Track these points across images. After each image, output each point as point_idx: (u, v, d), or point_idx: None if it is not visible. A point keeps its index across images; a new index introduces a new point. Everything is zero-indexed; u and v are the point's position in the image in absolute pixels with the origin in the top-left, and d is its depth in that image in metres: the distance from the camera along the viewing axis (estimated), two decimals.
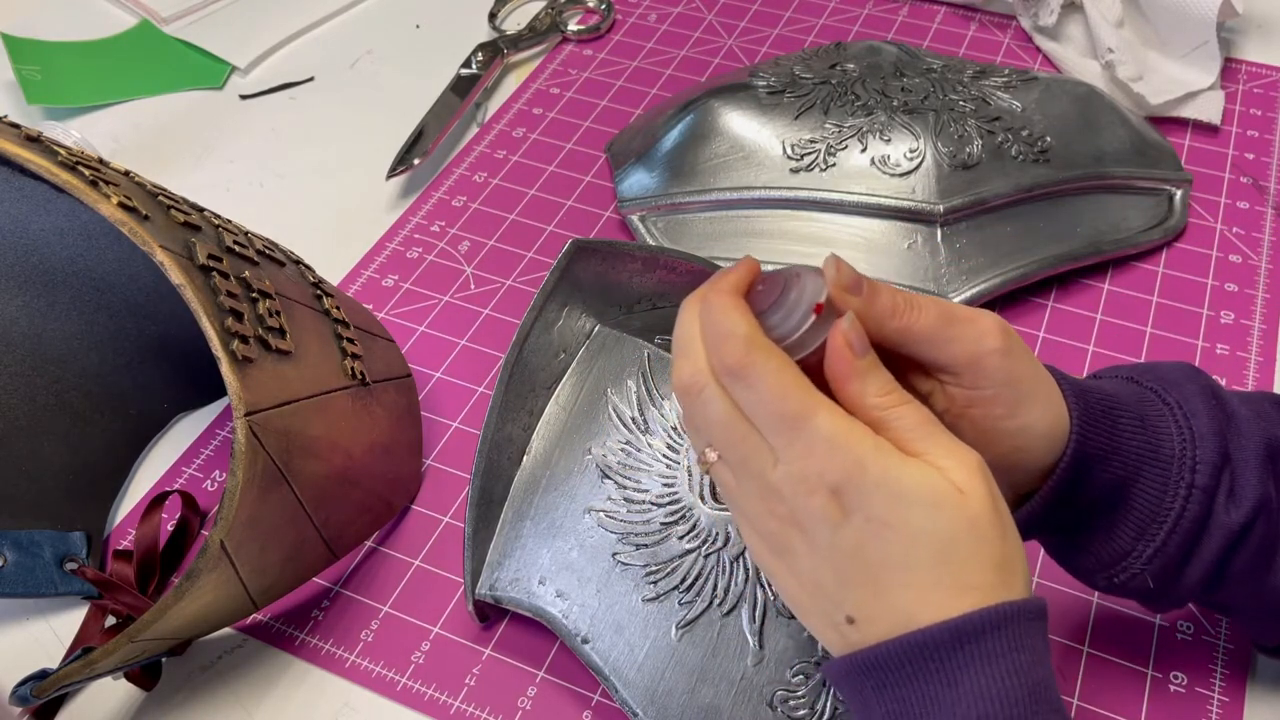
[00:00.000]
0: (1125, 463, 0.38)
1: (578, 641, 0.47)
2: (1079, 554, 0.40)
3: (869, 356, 0.33)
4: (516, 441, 0.51)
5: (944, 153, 0.64)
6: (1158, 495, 0.37)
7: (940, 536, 0.32)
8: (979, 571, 0.32)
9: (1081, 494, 0.38)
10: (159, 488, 0.58)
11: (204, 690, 0.50)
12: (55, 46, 0.86)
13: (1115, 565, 0.39)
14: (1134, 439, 0.38)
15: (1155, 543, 0.38)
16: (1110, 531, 0.39)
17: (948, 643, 0.31)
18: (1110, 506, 0.38)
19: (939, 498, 0.32)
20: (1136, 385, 0.40)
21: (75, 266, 0.56)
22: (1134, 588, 0.39)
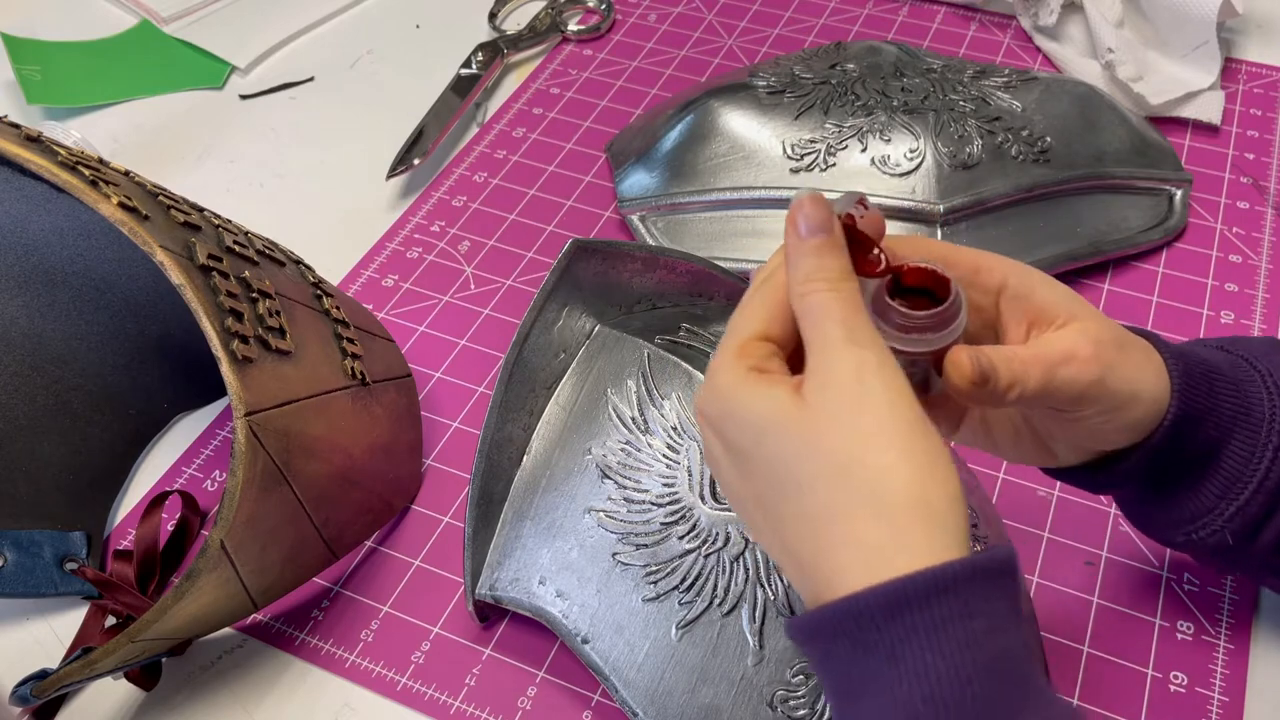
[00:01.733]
0: (1219, 424, 0.39)
1: (578, 641, 0.47)
2: (1160, 510, 0.41)
3: (817, 239, 0.33)
4: (516, 441, 0.51)
5: (944, 153, 0.64)
6: (1246, 455, 0.39)
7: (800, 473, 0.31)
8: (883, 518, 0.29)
9: (1175, 453, 0.39)
10: (159, 488, 0.58)
11: (204, 690, 0.50)
12: (55, 46, 0.86)
13: (1196, 521, 0.40)
14: (1228, 402, 0.39)
15: (1239, 501, 0.39)
16: (1196, 489, 0.40)
17: (882, 612, 0.28)
18: (1200, 465, 0.39)
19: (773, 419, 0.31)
20: (1226, 353, 0.41)
21: (75, 266, 0.56)
22: (1211, 544, 0.40)
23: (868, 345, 0.31)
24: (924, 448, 0.30)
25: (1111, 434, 0.38)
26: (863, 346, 0.31)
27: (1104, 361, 0.35)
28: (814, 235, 0.33)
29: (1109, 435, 0.38)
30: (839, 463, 0.30)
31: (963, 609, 0.28)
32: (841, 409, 0.30)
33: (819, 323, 0.32)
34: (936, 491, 0.29)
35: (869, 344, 0.31)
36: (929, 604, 0.28)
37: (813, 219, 0.33)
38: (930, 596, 0.28)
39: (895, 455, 0.30)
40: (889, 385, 0.31)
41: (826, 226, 0.33)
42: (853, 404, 0.30)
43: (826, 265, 0.33)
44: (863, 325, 0.32)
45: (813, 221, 0.33)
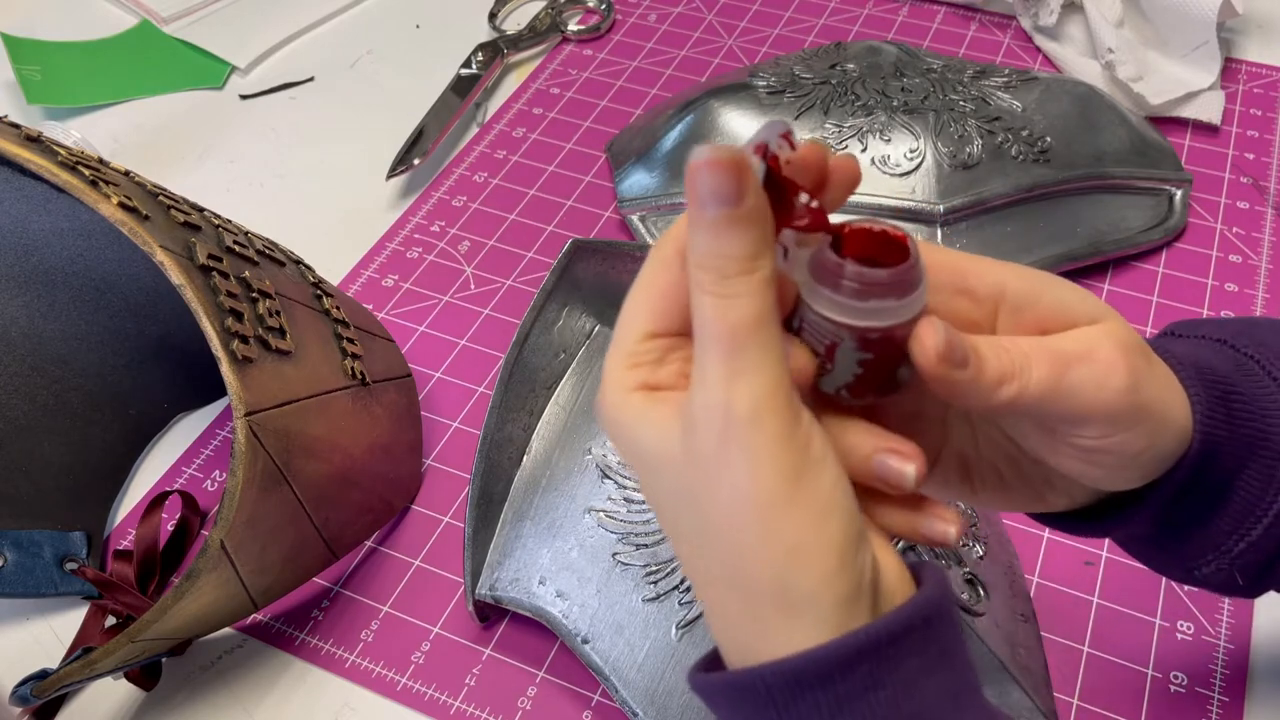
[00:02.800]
0: (1235, 452, 0.32)
1: (578, 641, 0.47)
2: (1159, 547, 0.35)
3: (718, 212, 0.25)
4: (516, 441, 0.51)
5: (944, 153, 0.64)
6: (1260, 488, 0.32)
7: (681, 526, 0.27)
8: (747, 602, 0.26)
9: (1191, 490, 0.32)
10: (159, 488, 0.58)
11: (204, 690, 0.50)
12: (55, 46, 0.86)
13: (1200, 558, 0.34)
14: (1246, 427, 0.32)
15: (1250, 537, 0.33)
16: (1204, 525, 0.33)
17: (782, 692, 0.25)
18: (1208, 499, 0.33)
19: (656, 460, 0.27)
20: (1235, 352, 0.34)
21: (75, 266, 0.56)
22: (1217, 581, 0.35)
23: (744, 383, 0.25)
24: (790, 522, 0.25)
25: (1130, 468, 0.30)
26: (736, 386, 0.25)
27: (1133, 369, 0.28)
28: (715, 206, 0.25)
29: (1126, 470, 0.30)
30: (709, 530, 0.26)
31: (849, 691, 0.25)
32: (706, 469, 0.26)
33: (700, 336, 0.26)
34: (800, 578, 0.25)
35: (747, 381, 0.25)
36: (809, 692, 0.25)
37: (714, 185, 0.25)
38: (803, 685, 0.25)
39: (753, 536, 0.25)
40: (754, 444, 0.25)
41: (732, 197, 0.25)
42: (715, 465, 0.26)
43: (724, 250, 0.25)
44: (750, 343, 0.25)
45: (713, 188, 0.25)
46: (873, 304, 0.26)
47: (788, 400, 0.26)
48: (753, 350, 0.25)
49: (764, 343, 0.25)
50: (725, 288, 0.25)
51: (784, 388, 0.26)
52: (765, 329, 0.25)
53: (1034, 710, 0.45)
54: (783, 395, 0.25)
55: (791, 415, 0.26)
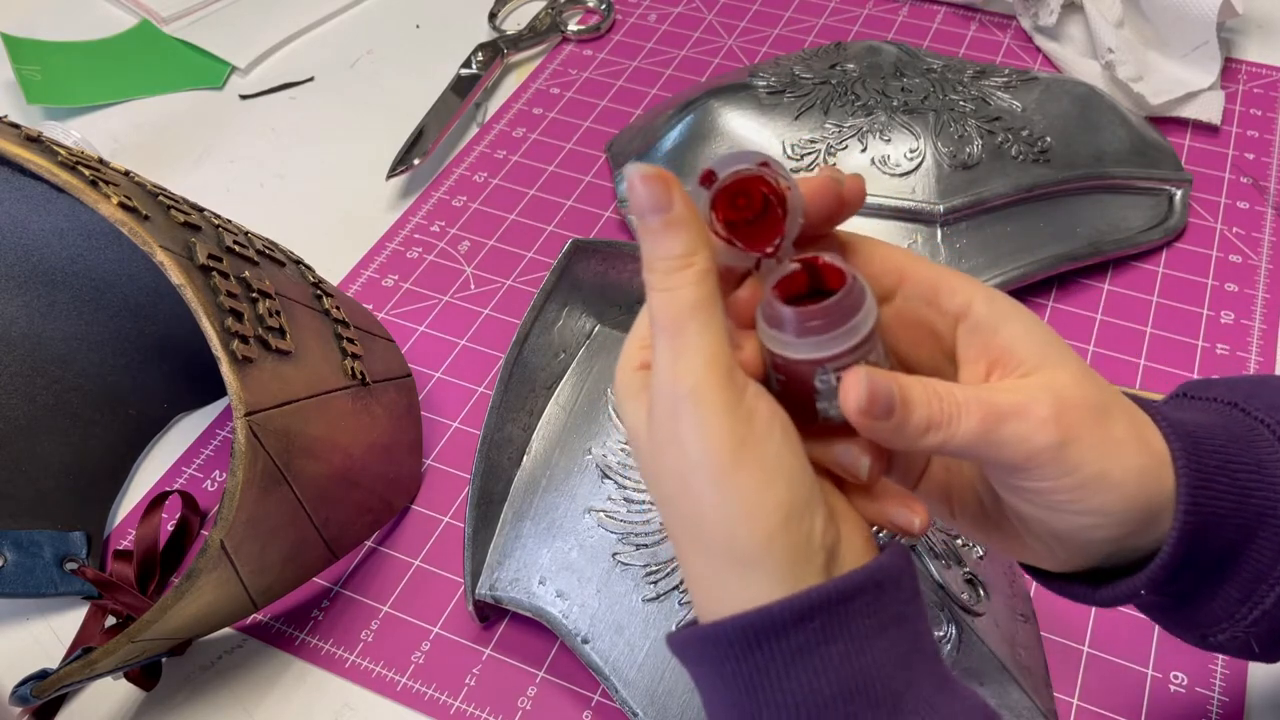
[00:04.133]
0: (1244, 524, 0.31)
1: (578, 641, 0.47)
2: (1170, 615, 0.34)
3: (654, 219, 0.28)
4: (516, 441, 0.51)
5: (944, 153, 0.64)
6: (1272, 557, 0.31)
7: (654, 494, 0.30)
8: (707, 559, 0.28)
9: (1189, 564, 0.31)
10: (159, 488, 0.58)
11: (204, 690, 0.50)
12: (55, 46, 0.86)
13: (1213, 627, 0.33)
14: (1253, 497, 0.31)
15: (1264, 606, 0.32)
16: (1212, 594, 0.32)
17: (739, 643, 0.27)
18: (1214, 570, 0.32)
19: (634, 436, 0.30)
20: (1245, 415, 0.33)
21: (75, 266, 0.56)
22: (1233, 649, 0.34)
23: (685, 361, 0.28)
24: (735, 485, 0.27)
25: (1072, 519, 0.30)
26: (678, 365, 0.28)
27: (1066, 427, 0.29)
28: (650, 214, 0.28)
29: (1071, 521, 0.30)
30: (673, 498, 0.29)
31: (802, 644, 0.27)
32: (663, 442, 0.28)
33: (653, 327, 0.29)
34: (749, 538, 0.27)
35: (687, 359, 0.28)
36: (764, 644, 0.27)
37: (646, 195, 0.28)
38: (777, 633, 0.27)
39: (705, 500, 0.28)
40: (698, 416, 0.27)
41: (661, 204, 0.28)
42: (669, 438, 0.28)
43: (663, 251, 0.28)
44: (689, 326, 0.28)
45: (646, 199, 0.28)
46: (772, 331, 0.29)
47: (726, 377, 0.28)
48: (691, 332, 0.28)
49: (702, 325, 0.28)
50: (666, 282, 0.28)
51: (722, 366, 0.28)
52: (702, 313, 0.28)
53: (1034, 710, 0.45)
54: (720, 372, 0.28)
55: (732, 390, 0.28)
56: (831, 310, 0.28)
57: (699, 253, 0.28)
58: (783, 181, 0.29)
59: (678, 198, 0.28)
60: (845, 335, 0.28)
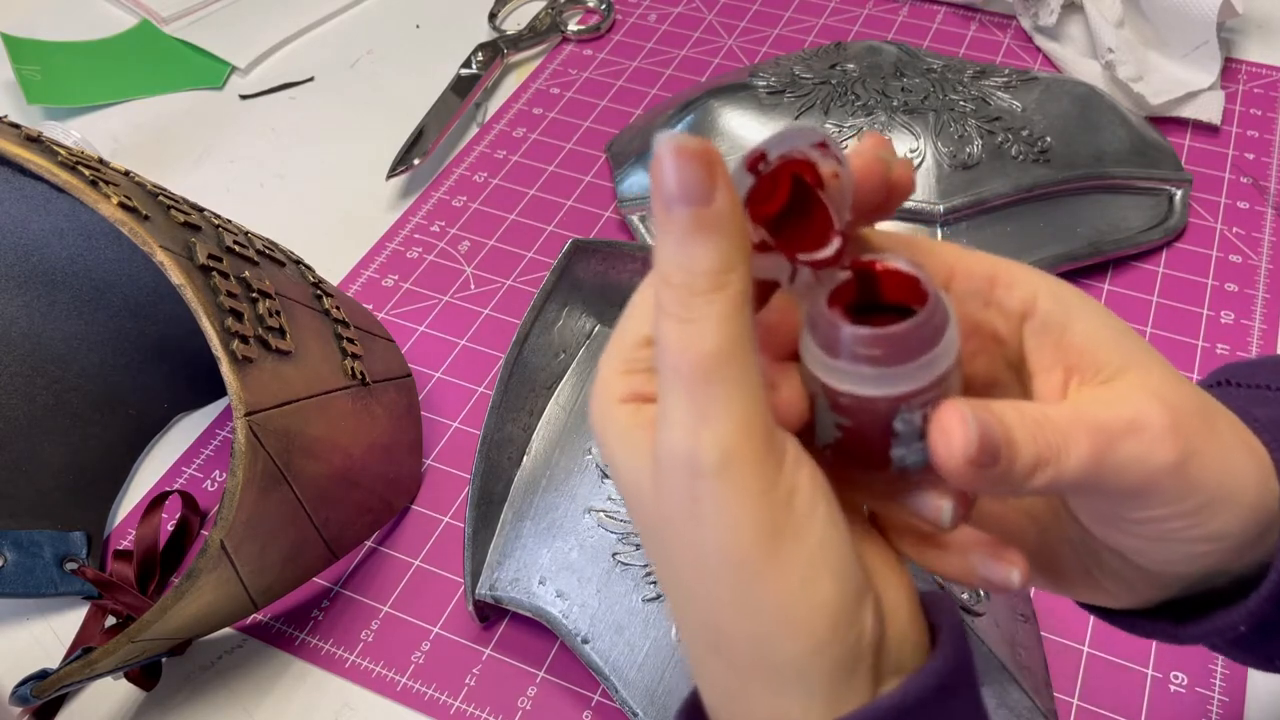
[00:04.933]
0: None
1: (578, 641, 0.47)
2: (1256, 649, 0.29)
3: (685, 211, 0.21)
4: (516, 441, 0.51)
5: (944, 153, 0.64)
6: None
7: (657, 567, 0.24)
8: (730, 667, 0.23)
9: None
10: (159, 488, 0.58)
11: (204, 690, 0.50)
12: (55, 46, 0.86)
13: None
14: None
15: None
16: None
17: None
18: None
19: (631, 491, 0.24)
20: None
21: (75, 266, 0.56)
22: None
23: (711, 428, 0.21)
24: (770, 587, 0.22)
25: (1183, 548, 0.25)
26: (702, 431, 0.21)
27: (1184, 439, 0.23)
28: (682, 204, 0.21)
29: (1179, 551, 0.25)
30: (683, 586, 0.23)
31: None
32: (675, 521, 0.22)
33: (662, 367, 0.22)
34: (787, 646, 0.22)
35: (714, 425, 0.21)
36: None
37: (679, 178, 0.21)
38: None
39: (729, 601, 0.22)
40: (724, 499, 0.22)
41: (699, 193, 0.21)
42: (684, 519, 0.22)
43: (689, 263, 0.21)
44: (718, 377, 0.21)
45: (679, 182, 0.21)
46: (834, 362, 0.22)
47: (765, 445, 0.22)
48: (722, 387, 0.21)
49: (736, 377, 0.21)
50: (690, 309, 0.21)
51: (759, 431, 0.22)
52: (737, 360, 0.21)
53: (1034, 710, 0.45)
54: (758, 440, 0.22)
55: (771, 463, 0.22)
56: (915, 333, 0.22)
57: (737, 269, 0.21)
58: (832, 166, 0.23)
59: (722, 187, 0.21)
60: (932, 363, 0.22)
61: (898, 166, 0.24)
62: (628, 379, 0.24)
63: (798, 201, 0.23)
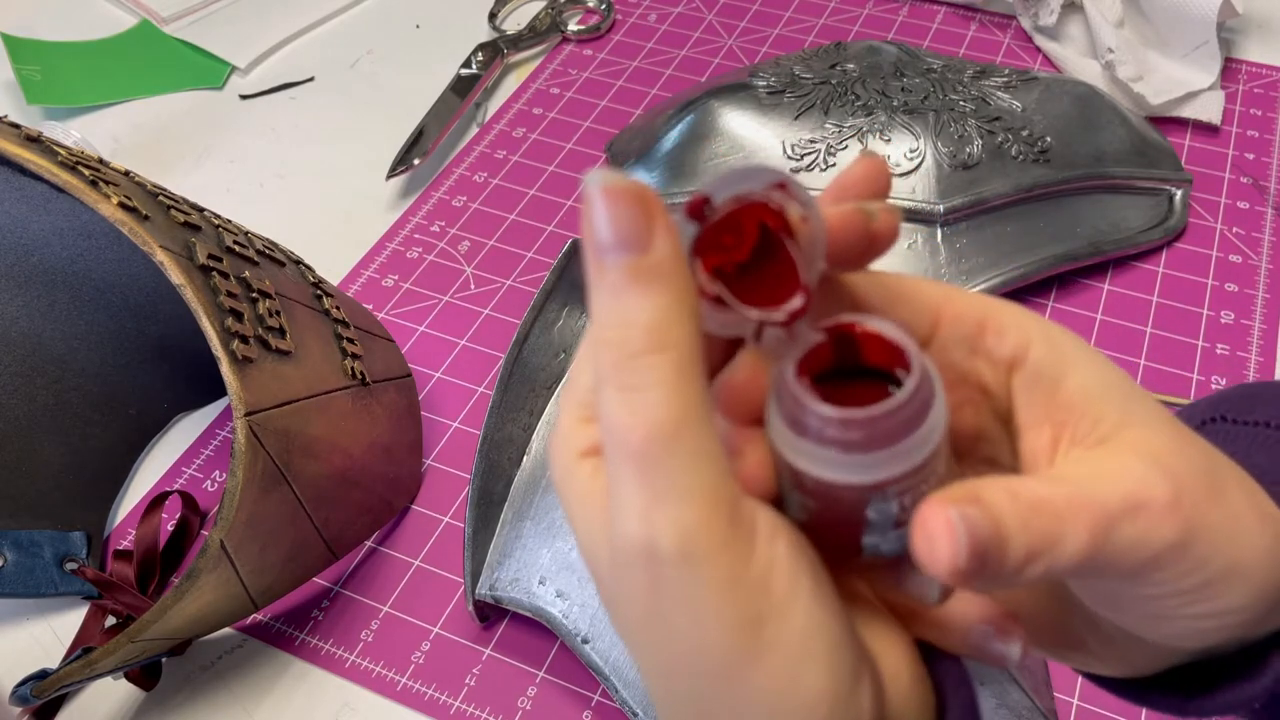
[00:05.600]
0: None
1: (578, 641, 0.47)
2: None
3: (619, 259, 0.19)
4: (516, 441, 0.51)
5: (944, 153, 0.64)
6: None
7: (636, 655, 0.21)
8: None
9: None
10: (159, 488, 0.58)
11: (204, 690, 0.50)
12: (55, 46, 0.86)
13: None
14: None
15: None
16: None
17: None
18: None
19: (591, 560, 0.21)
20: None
21: (75, 266, 0.56)
22: None
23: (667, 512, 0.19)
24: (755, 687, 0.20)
25: (1185, 624, 0.22)
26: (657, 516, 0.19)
27: (1188, 514, 0.21)
28: (616, 251, 0.19)
29: (1182, 626, 0.23)
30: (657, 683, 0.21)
31: None
32: (639, 618, 0.20)
33: (608, 444, 0.19)
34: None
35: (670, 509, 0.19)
36: None
37: (612, 222, 0.19)
38: None
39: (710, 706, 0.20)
40: (690, 596, 0.19)
41: (639, 240, 0.19)
42: (649, 617, 0.20)
43: (628, 318, 0.19)
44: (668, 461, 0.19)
45: (611, 227, 0.19)
46: (801, 442, 0.20)
47: (730, 523, 0.19)
48: (675, 461, 0.19)
49: (690, 449, 0.19)
50: (631, 375, 0.19)
51: (724, 508, 0.19)
52: (689, 429, 0.19)
53: (1034, 710, 0.45)
54: (722, 519, 0.19)
55: (739, 542, 0.19)
56: (894, 416, 0.19)
57: (682, 325, 0.19)
58: (798, 211, 0.20)
59: (660, 232, 0.19)
60: (913, 450, 0.19)
61: (881, 216, 0.22)
62: (588, 429, 0.22)
63: (764, 251, 0.20)
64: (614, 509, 0.19)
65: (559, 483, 0.22)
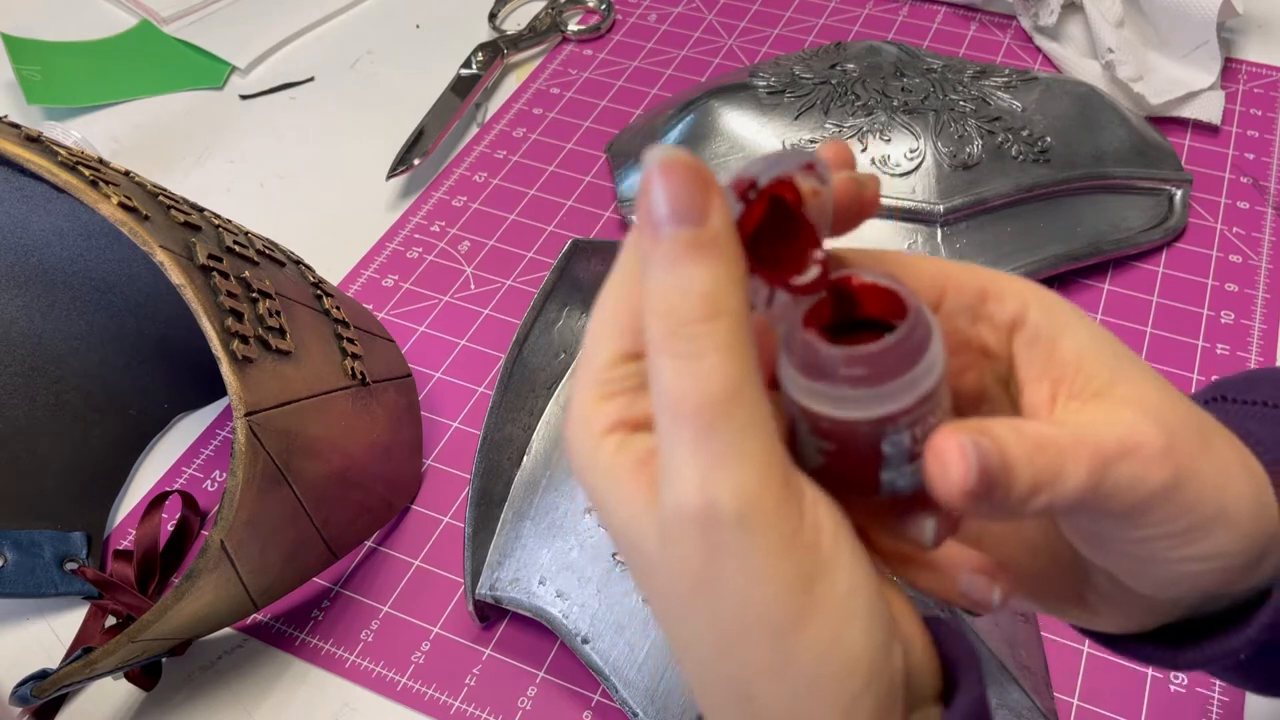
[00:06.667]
0: None
1: (578, 641, 0.47)
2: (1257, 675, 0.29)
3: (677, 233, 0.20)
4: (516, 441, 0.51)
5: (944, 153, 0.64)
6: None
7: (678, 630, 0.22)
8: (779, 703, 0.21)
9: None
10: (159, 488, 0.58)
11: (204, 690, 0.50)
12: (55, 46, 0.86)
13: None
14: None
15: None
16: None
17: None
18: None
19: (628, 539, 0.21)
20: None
21: (75, 266, 0.56)
22: None
23: (726, 475, 0.19)
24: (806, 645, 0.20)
25: (1173, 568, 0.24)
26: (716, 480, 0.19)
27: (1179, 460, 0.23)
28: (674, 224, 0.20)
29: (1170, 571, 0.24)
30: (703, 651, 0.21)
31: None
32: (691, 585, 0.20)
33: (661, 412, 0.20)
34: (822, 705, 0.21)
35: (730, 472, 0.19)
36: None
37: (670, 196, 0.20)
38: None
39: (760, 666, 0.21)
40: (749, 556, 0.20)
41: (693, 213, 0.20)
42: (702, 583, 0.20)
43: (683, 286, 0.20)
44: (728, 418, 0.19)
45: (670, 201, 0.20)
46: (814, 384, 0.21)
47: (785, 487, 0.20)
48: (732, 428, 0.19)
49: (747, 415, 0.20)
50: (687, 342, 0.19)
51: (778, 473, 0.20)
52: (746, 395, 0.20)
53: (1034, 710, 0.45)
54: (777, 484, 0.20)
55: (793, 506, 0.20)
56: (897, 349, 0.21)
57: (736, 294, 0.20)
58: (813, 185, 0.22)
59: (716, 205, 0.20)
60: (916, 381, 0.21)
61: (869, 184, 0.24)
62: (606, 405, 0.22)
63: (775, 221, 0.22)
64: (666, 477, 0.20)
65: (582, 464, 0.22)
